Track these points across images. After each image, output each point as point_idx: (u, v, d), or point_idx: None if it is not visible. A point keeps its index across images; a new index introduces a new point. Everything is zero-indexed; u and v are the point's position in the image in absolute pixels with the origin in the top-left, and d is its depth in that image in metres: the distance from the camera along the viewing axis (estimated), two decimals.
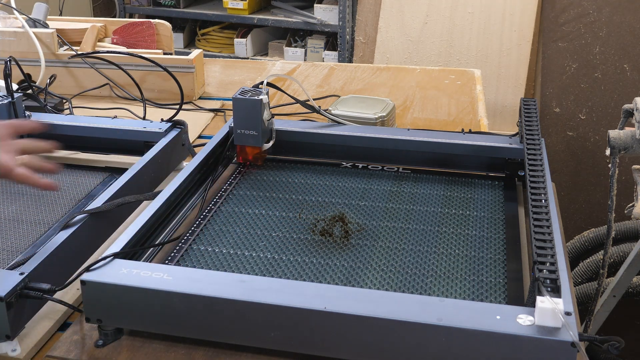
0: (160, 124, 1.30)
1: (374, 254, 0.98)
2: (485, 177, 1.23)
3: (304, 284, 0.84)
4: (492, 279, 0.93)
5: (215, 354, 0.84)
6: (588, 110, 2.87)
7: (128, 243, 0.91)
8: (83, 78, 1.76)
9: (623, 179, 2.05)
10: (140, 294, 0.82)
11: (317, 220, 1.04)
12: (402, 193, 1.17)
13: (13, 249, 1.02)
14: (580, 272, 2.42)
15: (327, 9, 3.19)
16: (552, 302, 0.73)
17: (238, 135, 1.23)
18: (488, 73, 2.86)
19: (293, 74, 2.00)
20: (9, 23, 1.81)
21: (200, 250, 0.99)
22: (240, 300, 0.79)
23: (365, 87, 1.89)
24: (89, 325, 0.87)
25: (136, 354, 0.84)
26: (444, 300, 0.80)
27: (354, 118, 1.39)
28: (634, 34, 2.76)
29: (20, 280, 0.85)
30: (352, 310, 0.77)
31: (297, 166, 1.26)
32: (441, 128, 1.55)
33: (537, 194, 0.95)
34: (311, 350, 0.81)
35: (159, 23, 1.94)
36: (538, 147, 1.10)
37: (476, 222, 1.07)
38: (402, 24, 2.99)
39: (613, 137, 1.32)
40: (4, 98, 1.25)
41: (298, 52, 3.33)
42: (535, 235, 0.85)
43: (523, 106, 1.23)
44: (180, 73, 1.69)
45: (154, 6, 3.50)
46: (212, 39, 3.54)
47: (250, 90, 1.22)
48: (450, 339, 0.75)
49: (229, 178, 1.21)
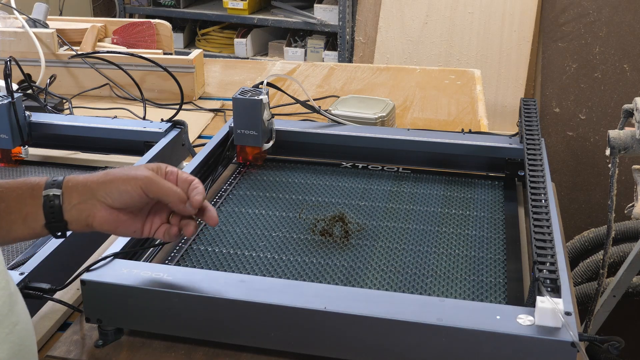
0: (160, 124, 1.30)
1: (374, 254, 0.98)
2: (485, 177, 1.23)
3: (304, 284, 0.84)
4: (492, 279, 0.92)
5: (215, 354, 0.84)
6: (588, 110, 2.87)
7: (128, 243, 0.91)
8: (83, 78, 1.76)
9: (623, 179, 2.05)
10: (140, 294, 0.82)
11: (317, 220, 1.04)
12: (402, 193, 1.17)
13: (13, 249, 1.02)
14: (580, 272, 2.42)
15: (327, 9, 3.19)
16: (552, 302, 0.73)
17: (238, 135, 1.23)
18: (488, 73, 2.86)
19: (293, 74, 2.00)
20: (9, 23, 1.81)
21: (200, 250, 0.99)
22: (240, 300, 0.79)
23: (365, 87, 1.89)
24: (89, 325, 0.87)
25: (136, 354, 0.84)
26: (444, 300, 0.80)
27: (354, 118, 1.39)
28: (634, 34, 2.76)
29: (20, 280, 0.85)
30: (352, 310, 0.77)
31: (297, 166, 1.26)
32: (441, 128, 1.55)
33: (537, 194, 0.95)
34: (311, 350, 0.81)
35: (159, 23, 1.94)
36: (538, 147, 1.10)
37: (476, 222, 1.07)
38: (402, 24, 2.99)
39: (613, 137, 1.32)
40: (4, 98, 1.25)
41: (298, 52, 3.33)
42: (535, 235, 0.85)
43: (523, 106, 1.23)
44: (180, 73, 1.69)
45: (154, 6, 3.49)
46: (212, 39, 3.54)
47: (250, 90, 1.22)
48: (450, 339, 0.75)
49: (229, 178, 1.21)
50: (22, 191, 0.79)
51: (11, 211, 0.78)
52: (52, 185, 0.79)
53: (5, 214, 0.78)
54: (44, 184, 0.79)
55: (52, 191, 0.78)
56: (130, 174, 0.80)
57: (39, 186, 0.79)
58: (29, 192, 0.79)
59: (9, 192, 0.79)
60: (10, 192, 0.79)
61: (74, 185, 0.80)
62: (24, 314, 0.69)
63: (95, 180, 0.80)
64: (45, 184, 0.79)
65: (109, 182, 0.79)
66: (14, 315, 0.66)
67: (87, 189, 0.79)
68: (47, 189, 0.78)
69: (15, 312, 0.66)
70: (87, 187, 0.79)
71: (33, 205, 0.78)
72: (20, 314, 0.68)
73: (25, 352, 0.67)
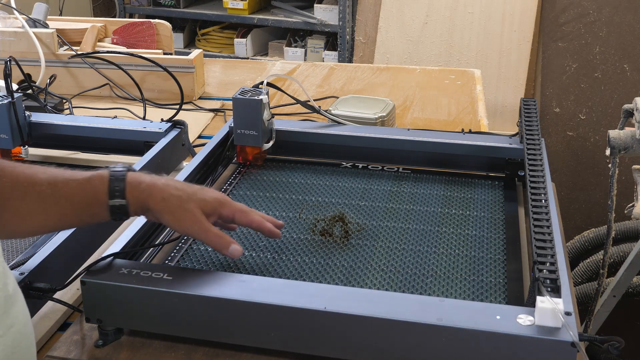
0: (160, 124, 1.30)
1: (374, 254, 0.98)
2: (485, 177, 1.22)
3: (304, 284, 0.85)
4: (492, 279, 0.92)
5: (215, 354, 0.84)
6: (588, 110, 2.87)
7: (128, 243, 0.91)
8: (83, 78, 1.76)
9: (623, 179, 2.05)
10: (140, 294, 0.82)
11: (317, 220, 1.04)
12: (402, 193, 1.17)
13: (13, 249, 1.02)
14: (580, 272, 2.42)
15: (327, 9, 3.19)
16: (552, 302, 0.73)
17: (238, 135, 1.23)
18: (488, 73, 2.86)
19: (293, 74, 2.00)
20: (9, 23, 1.81)
21: (200, 250, 0.99)
22: (240, 300, 0.79)
23: (365, 87, 1.89)
24: (89, 325, 0.87)
25: (136, 354, 0.84)
26: (444, 300, 0.80)
27: (354, 118, 1.39)
28: (634, 34, 2.76)
29: (20, 280, 0.85)
30: (352, 310, 0.77)
31: (297, 166, 1.26)
32: (441, 128, 1.55)
33: (537, 194, 0.95)
34: (311, 350, 0.81)
35: (159, 23, 1.94)
36: (538, 147, 1.10)
37: (476, 222, 1.07)
38: (402, 24, 2.99)
39: (613, 137, 1.32)
40: (4, 98, 1.25)
41: (298, 52, 3.33)
42: (535, 235, 0.85)
43: (523, 106, 1.23)
44: (180, 73, 1.69)
45: (154, 6, 3.49)
46: (212, 39, 3.54)
47: (250, 90, 1.22)
48: (450, 339, 0.75)
49: (229, 178, 1.21)
50: (86, 194, 0.83)
51: (80, 214, 0.85)
52: (115, 193, 0.83)
53: (74, 214, 0.84)
54: (108, 191, 0.83)
55: (117, 201, 0.83)
56: (182, 218, 0.85)
57: (103, 193, 0.83)
58: (94, 198, 0.83)
59: (74, 194, 0.83)
60: (75, 195, 0.83)
61: (136, 197, 0.84)
62: (22, 316, 0.69)
63: (155, 200, 0.84)
64: (109, 192, 0.83)
65: (165, 212, 0.84)
66: (10, 318, 0.66)
67: (146, 207, 0.85)
68: (112, 199, 0.83)
69: (12, 314, 0.66)
70: (146, 205, 0.85)
71: (100, 208, 0.84)
72: (18, 316, 0.67)
73: (19, 354, 0.67)
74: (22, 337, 0.68)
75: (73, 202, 0.83)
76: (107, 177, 0.84)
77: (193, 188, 0.88)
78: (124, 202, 0.83)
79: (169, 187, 0.85)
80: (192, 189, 0.87)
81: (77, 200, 0.83)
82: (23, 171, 0.82)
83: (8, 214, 0.81)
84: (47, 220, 0.83)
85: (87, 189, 0.83)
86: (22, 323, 0.68)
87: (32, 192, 0.81)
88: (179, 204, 0.84)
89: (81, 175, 0.84)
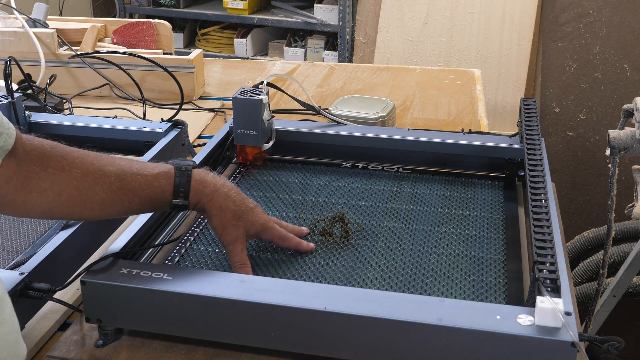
0: (160, 124, 1.30)
1: (374, 254, 0.98)
2: (485, 177, 1.22)
3: (304, 284, 0.85)
4: (492, 279, 0.92)
5: (215, 354, 0.84)
6: (588, 110, 2.87)
7: (128, 243, 0.91)
8: (83, 78, 1.76)
9: (623, 179, 2.05)
10: (140, 294, 0.82)
11: (317, 220, 1.04)
12: (402, 193, 1.17)
13: (13, 249, 1.02)
14: (580, 272, 2.42)
15: (327, 9, 3.19)
16: (552, 302, 0.73)
17: (238, 135, 1.23)
18: (488, 73, 2.86)
19: (293, 74, 2.00)
20: (9, 23, 1.81)
21: (200, 250, 0.99)
22: (240, 300, 0.79)
23: (365, 87, 1.89)
24: (89, 325, 0.87)
25: (136, 354, 0.84)
26: (444, 300, 0.80)
27: (354, 118, 1.39)
28: (634, 34, 2.76)
29: (20, 280, 0.85)
30: (352, 310, 0.77)
31: (297, 166, 1.26)
32: (441, 128, 1.55)
33: (537, 194, 0.95)
34: (311, 350, 0.81)
35: (159, 23, 1.94)
36: (538, 147, 1.10)
37: (476, 222, 1.07)
38: (402, 24, 2.99)
39: (613, 137, 1.32)
40: (4, 98, 1.25)
41: (298, 52, 3.33)
42: (535, 235, 0.85)
43: (523, 106, 1.23)
44: (180, 73, 1.69)
45: (154, 6, 3.49)
46: (212, 39, 3.54)
47: (250, 90, 1.22)
48: (450, 339, 0.75)
49: (229, 178, 1.21)
50: (153, 191, 0.89)
51: (144, 207, 0.91)
52: (179, 194, 0.90)
53: (139, 207, 0.91)
54: (173, 191, 0.89)
55: (180, 201, 0.90)
56: (227, 232, 0.91)
57: (168, 192, 0.89)
58: (160, 195, 0.89)
59: (141, 190, 0.88)
60: (142, 191, 0.88)
61: (198, 199, 0.91)
62: (9, 322, 0.69)
63: (213, 206, 0.91)
64: (175, 192, 0.89)
65: (216, 219, 0.91)
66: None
67: (203, 208, 0.91)
68: (176, 199, 0.90)
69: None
70: (203, 207, 0.91)
71: (163, 204, 0.90)
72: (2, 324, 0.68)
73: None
74: (4, 345, 0.68)
75: (140, 196, 0.88)
76: (173, 176, 0.89)
77: (247, 206, 0.93)
78: (186, 202, 0.90)
79: (229, 200, 0.91)
80: (247, 206, 0.93)
81: (144, 195, 0.88)
82: (92, 162, 0.87)
83: (78, 201, 0.85)
84: (112, 209, 0.88)
85: (154, 186, 0.89)
86: (9, 330, 0.69)
87: (102, 184, 0.86)
88: (231, 218, 0.91)
89: (148, 171, 0.89)
